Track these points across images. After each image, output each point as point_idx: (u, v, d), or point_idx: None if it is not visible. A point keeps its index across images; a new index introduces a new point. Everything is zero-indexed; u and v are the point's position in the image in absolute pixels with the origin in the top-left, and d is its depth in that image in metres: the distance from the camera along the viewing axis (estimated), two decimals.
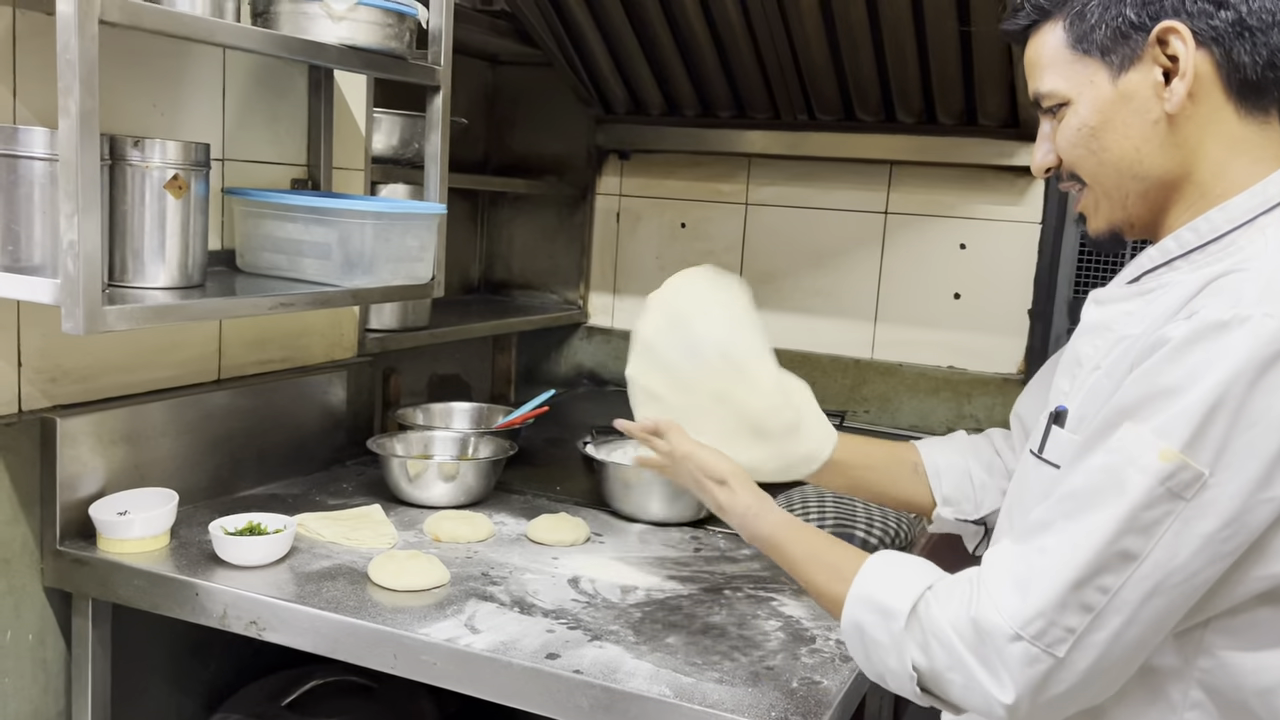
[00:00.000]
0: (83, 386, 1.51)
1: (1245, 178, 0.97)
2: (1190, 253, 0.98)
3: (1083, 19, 0.99)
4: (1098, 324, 1.04)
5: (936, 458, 1.36)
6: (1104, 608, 0.88)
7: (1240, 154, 0.97)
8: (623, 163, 2.80)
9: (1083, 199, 1.06)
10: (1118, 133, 0.99)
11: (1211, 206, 0.97)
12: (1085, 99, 1.00)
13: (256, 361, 1.81)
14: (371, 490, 1.77)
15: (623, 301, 2.85)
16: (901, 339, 2.56)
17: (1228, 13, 0.94)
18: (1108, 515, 0.88)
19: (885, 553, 1.06)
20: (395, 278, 1.63)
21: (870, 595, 1.01)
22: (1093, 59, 0.99)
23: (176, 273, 1.42)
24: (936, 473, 1.35)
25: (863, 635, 1.01)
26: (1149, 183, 1.00)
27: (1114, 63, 0.98)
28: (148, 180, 1.38)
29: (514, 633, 1.26)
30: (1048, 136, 1.05)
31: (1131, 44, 0.97)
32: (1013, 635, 0.90)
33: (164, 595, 1.38)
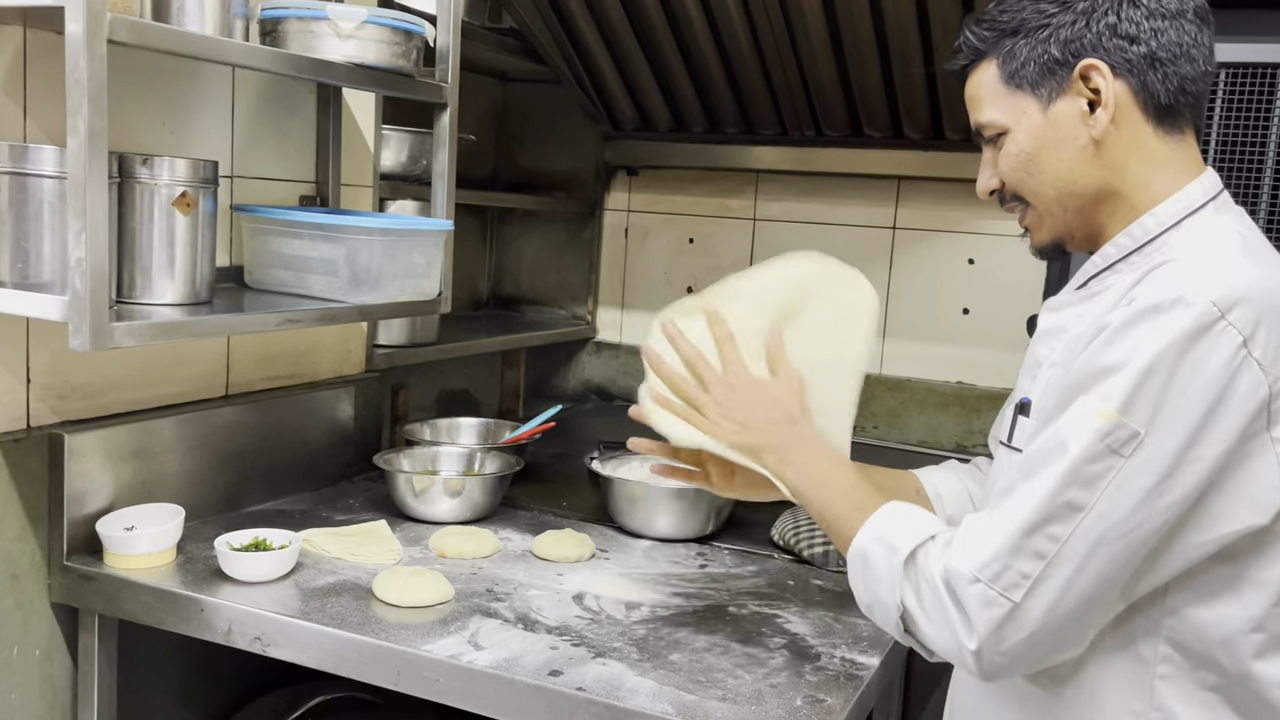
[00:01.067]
0: (91, 403, 1.52)
1: (1168, 188, 1.08)
2: (1128, 255, 1.09)
3: (1013, 57, 1.10)
4: (1052, 328, 1.14)
5: (937, 483, 1.40)
6: (1054, 555, 0.97)
7: (1161, 168, 1.08)
8: (631, 179, 2.81)
9: (1026, 216, 1.15)
10: (1052, 156, 1.10)
11: (1142, 215, 1.09)
12: (1021, 128, 1.10)
13: (264, 378, 1.82)
14: (378, 506, 1.77)
15: (631, 317, 2.85)
16: (910, 354, 2.56)
17: (1140, 47, 1.06)
18: (1054, 470, 0.98)
19: (899, 504, 1.14)
20: (402, 294, 1.64)
21: (881, 532, 1.10)
22: (1024, 92, 1.10)
23: (184, 289, 1.43)
24: (938, 495, 1.39)
25: (865, 563, 1.10)
26: (1084, 199, 1.10)
27: (1043, 95, 1.09)
28: (156, 198, 1.39)
29: (517, 649, 1.26)
30: (989, 162, 1.15)
31: (1057, 78, 1.08)
32: (971, 578, 1.00)
33: (169, 611, 1.38)
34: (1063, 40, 1.07)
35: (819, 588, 1.54)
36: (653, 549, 1.67)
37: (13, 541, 1.41)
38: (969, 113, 1.16)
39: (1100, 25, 1.06)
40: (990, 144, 1.14)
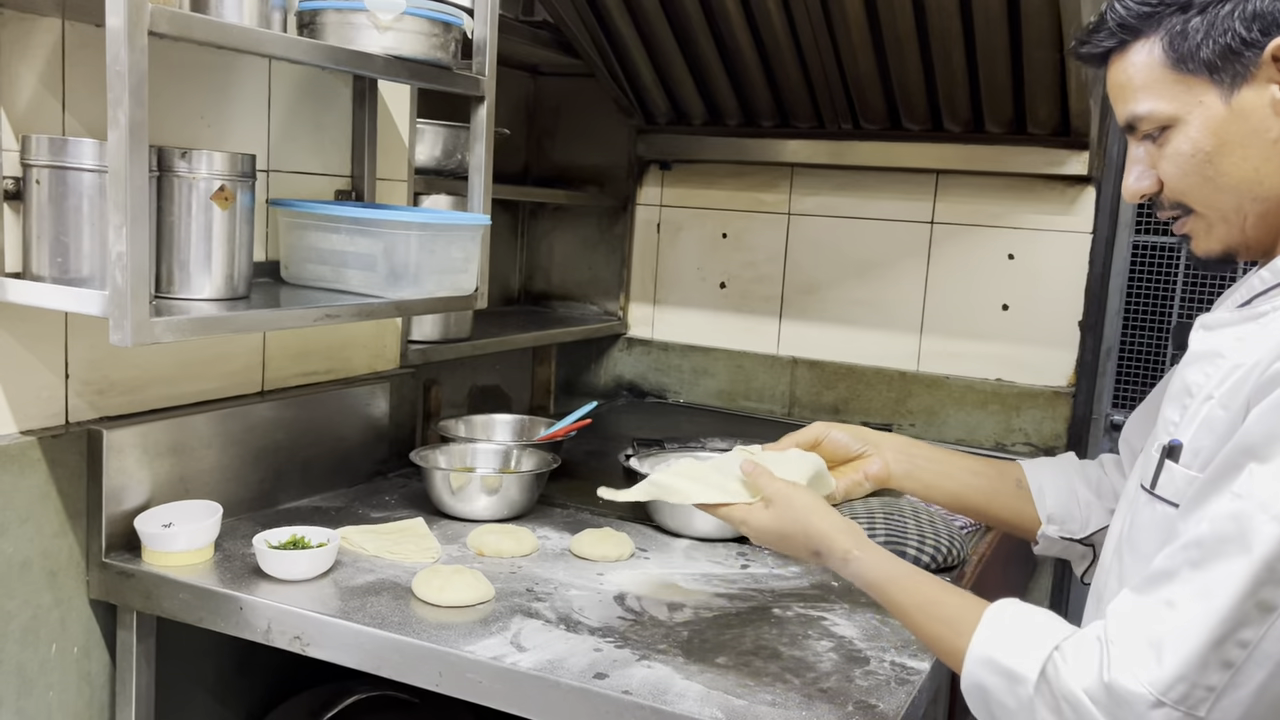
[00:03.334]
0: (129, 398, 1.51)
1: None
2: None
3: (1185, 37, 0.94)
4: (1207, 351, 1.00)
5: (1041, 475, 1.33)
6: (1244, 662, 0.85)
7: None
8: (664, 173, 2.78)
9: (1189, 223, 1.01)
10: (1235, 155, 0.95)
11: None
12: (1196, 120, 0.96)
13: (300, 373, 1.81)
14: (414, 503, 1.76)
15: (663, 313, 2.83)
16: (948, 351, 2.52)
17: None
18: (1240, 567, 0.85)
19: (1003, 605, 1.00)
20: (440, 289, 1.62)
21: (993, 657, 0.96)
22: (1199, 78, 0.95)
23: (222, 284, 1.42)
24: (1040, 490, 1.32)
25: (986, 698, 0.97)
26: (1269, 204, 0.96)
27: (1224, 81, 0.94)
28: (194, 191, 1.38)
29: (561, 651, 1.24)
30: (1140, 160, 1.01)
31: (1243, 61, 0.93)
32: (1154, 702, 0.86)
33: (209, 609, 1.37)
34: (1250, 14, 0.91)
35: None
36: (692, 548, 1.65)
37: (51, 538, 1.41)
38: (1116, 102, 1.01)
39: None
40: (1147, 139, 0.99)
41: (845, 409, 2.61)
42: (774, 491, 1.19)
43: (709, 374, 2.77)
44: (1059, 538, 1.32)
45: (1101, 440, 2.44)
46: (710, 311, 2.76)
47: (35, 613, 1.40)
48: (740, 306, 2.73)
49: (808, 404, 2.66)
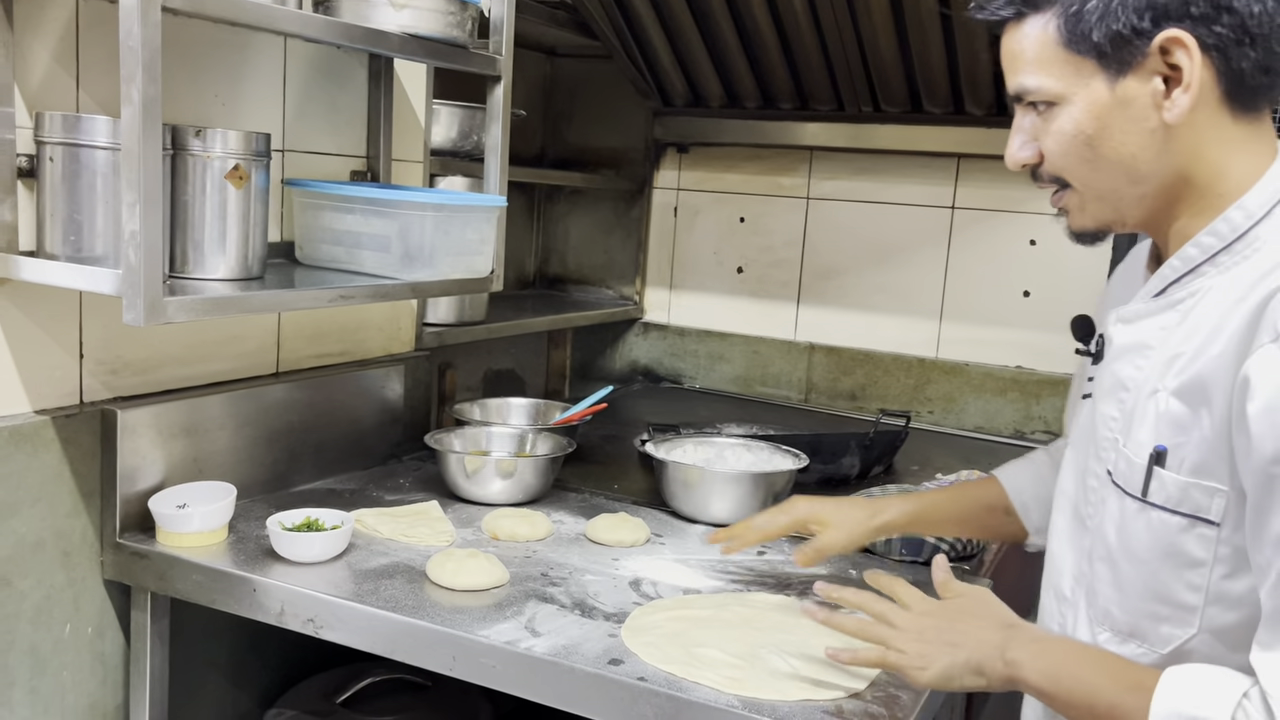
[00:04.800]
0: (143, 379, 1.51)
1: (1245, 175, 0.96)
2: (1214, 256, 0.97)
3: (1080, 19, 0.95)
4: (1133, 344, 1.02)
5: (1022, 491, 1.34)
6: None
7: (1236, 153, 0.96)
8: (681, 156, 2.76)
9: (1065, 198, 1.03)
10: (1115, 140, 0.96)
11: (1218, 206, 0.96)
12: (1080, 102, 0.97)
13: (314, 355, 1.80)
14: (428, 486, 1.75)
15: (679, 297, 2.81)
16: (968, 337, 2.49)
17: (1231, 18, 0.92)
18: None
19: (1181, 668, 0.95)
20: (455, 271, 1.60)
21: (1181, 709, 0.90)
22: (1088, 60, 0.96)
23: (236, 264, 1.40)
24: (1025, 508, 1.33)
25: None
26: (1145, 187, 0.98)
27: (1111, 66, 0.95)
28: (209, 170, 1.36)
29: (575, 636, 1.23)
30: (1024, 129, 1.02)
31: (1132, 49, 0.94)
32: None
33: (222, 591, 1.36)
34: (1144, 3, 0.92)
35: None
36: (708, 534, 1.63)
37: (65, 518, 1.40)
38: (1007, 70, 1.01)
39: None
40: (1033, 110, 1.00)
41: (862, 395, 2.58)
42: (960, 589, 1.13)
43: (725, 359, 2.75)
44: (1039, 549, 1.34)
45: None
46: (727, 296, 2.74)
47: (49, 593, 1.39)
48: (757, 291, 2.71)
49: (824, 390, 2.63)
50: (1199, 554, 0.95)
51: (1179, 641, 0.98)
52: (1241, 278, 0.94)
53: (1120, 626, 1.02)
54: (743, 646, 1.21)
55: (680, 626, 1.26)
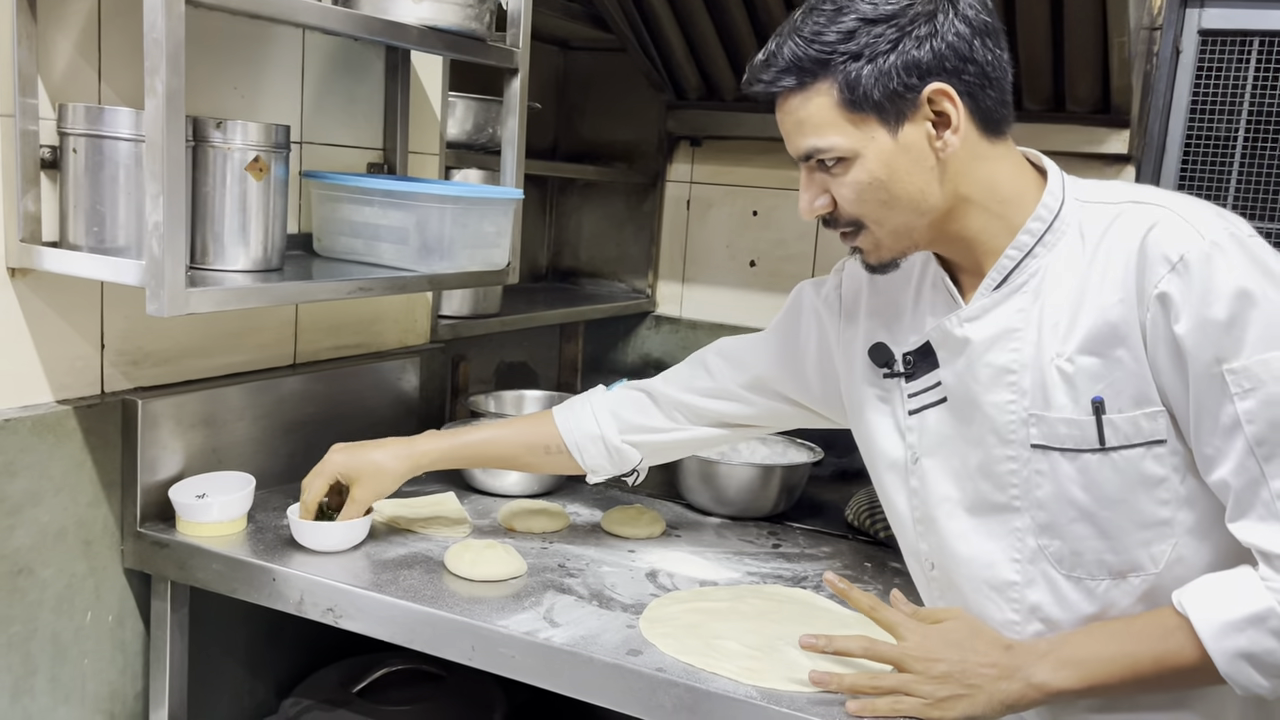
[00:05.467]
0: (163, 369, 1.52)
1: (1013, 180, 1.13)
2: (1042, 237, 1.11)
3: (858, 83, 1.07)
4: (996, 334, 1.12)
5: (573, 431, 1.44)
6: None
7: (998, 166, 1.12)
8: (694, 149, 2.75)
9: (859, 238, 1.14)
10: (903, 180, 1.09)
11: (1001, 210, 1.12)
12: (870, 154, 1.09)
13: (331, 347, 1.81)
14: (444, 478, 1.75)
15: (691, 291, 2.81)
16: None
17: (974, 67, 1.07)
18: None
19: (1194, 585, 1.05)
20: (472, 263, 1.61)
21: (1227, 619, 1.01)
22: (870, 117, 1.08)
23: (257, 256, 1.41)
24: (577, 448, 1.44)
25: (1250, 656, 1.01)
26: (933, 215, 1.12)
27: (890, 120, 1.08)
28: (229, 162, 1.37)
29: (594, 627, 1.23)
30: (814, 184, 1.13)
31: (905, 102, 1.07)
32: None
33: (242, 580, 1.37)
34: (909, 64, 1.06)
35: (896, 570, 1.50)
36: (723, 527, 1.64)
37: (86, 507, 1.41)
38: (793, 135, 1.12)
39: (940, 47, 1.06)
40: (821, 166, 1.11)
41: None
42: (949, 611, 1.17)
43: None
44: (604, 480, 1.48)
45: None
46: (739, 290, 2.74)
47: (70, 581, 1.40)
48: (770, 285, 2.70)
49: None
50: (1160, 471, 1.07)
51: (1166, 556, 1.08)
52: (1073, 248, 1.10)
53: (1117, 568, 1.10)
54: (760, 638, 1.21)
55: (698, 618, 1.26)
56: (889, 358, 1.23)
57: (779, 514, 1.69)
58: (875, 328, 1.27)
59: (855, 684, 1.10)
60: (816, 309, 1.37)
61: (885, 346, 1.24)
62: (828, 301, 1.36)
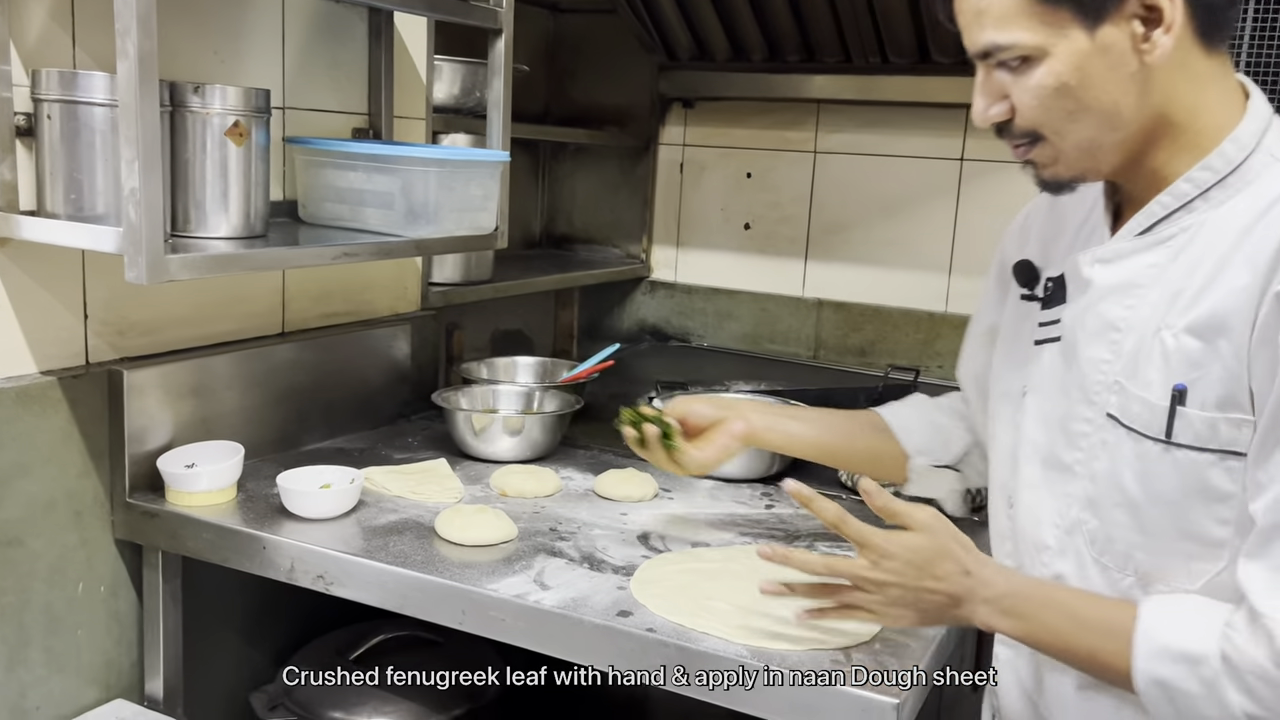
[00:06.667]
0: (149, 339, 1.50)
1: (1219, 110, 0.97)
2: (1207, 191, 0.97)
3: None
4: (1119, 284, 1.01)
5: (899, 413, 1.38)
6: None
7: (1208, 88, 0.97)
8: (687, 111, 2.72)
9: (1035, 151, 1.01)
10: (1096, 88, 0.95)
11: (1197, 143, 0.97)
12: (1061, 54, 0.94)
13: (321, 315, 1.79)
14: (437, 445, 1.75)
15: (686, 255, 2.79)
16: (978, 291, 2.45)
17: None
18: None
19: (1157, 599, 0.97)
20: (459, 228, 1.59)
21: (1167, 644, 0.93)
22: (1063, 10, 0.93)
23: (239, 223, 1.39)
24: (903, 427, 1.36)
25: (1168, 690, 0.93)
26: (1125, 133, 0.97)
27: (1089, 15, 0.93)
28: (208, 127, 1.35)
29: (584, 589, 1.23)
30: (992, 88, 0.99)
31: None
32: None
33: (232, 548, 1.37)
34: None
35: (890, 529, 1.49)
36: (716, 489, 1.63)
37: (75, 478, 1.41)
38: (970, 29, 0.98)
39: None
40: (1002, 67, 0.97)
41: (872, 351, 2.57)
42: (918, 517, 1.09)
43: (733, 317, 2.74)
44: (929, 465, 1.36)
45: None
46: (734, 253, 2.72)
47: (62, 552, 1.40)
48: (765, 248, 2.69)
49: (833, 346, 2.62)
50: (1228, 487, 0.94)
51: (1208, 576, 0.97)
52: (1238, 210, 0.95)
53: (1145, 570, 1.01)
54: (751, 598, 1.21)
55: (689, 579, 1.26)
56: (1032, 278, 1.11)
57: (772, 475, 1.68)
58: (1033, 245, 1.16)
59: (806, 596, 1.10)
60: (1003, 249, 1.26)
61: (1031, 266, 1.12)
62: (1012, 234, 1.24)
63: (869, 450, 1.40)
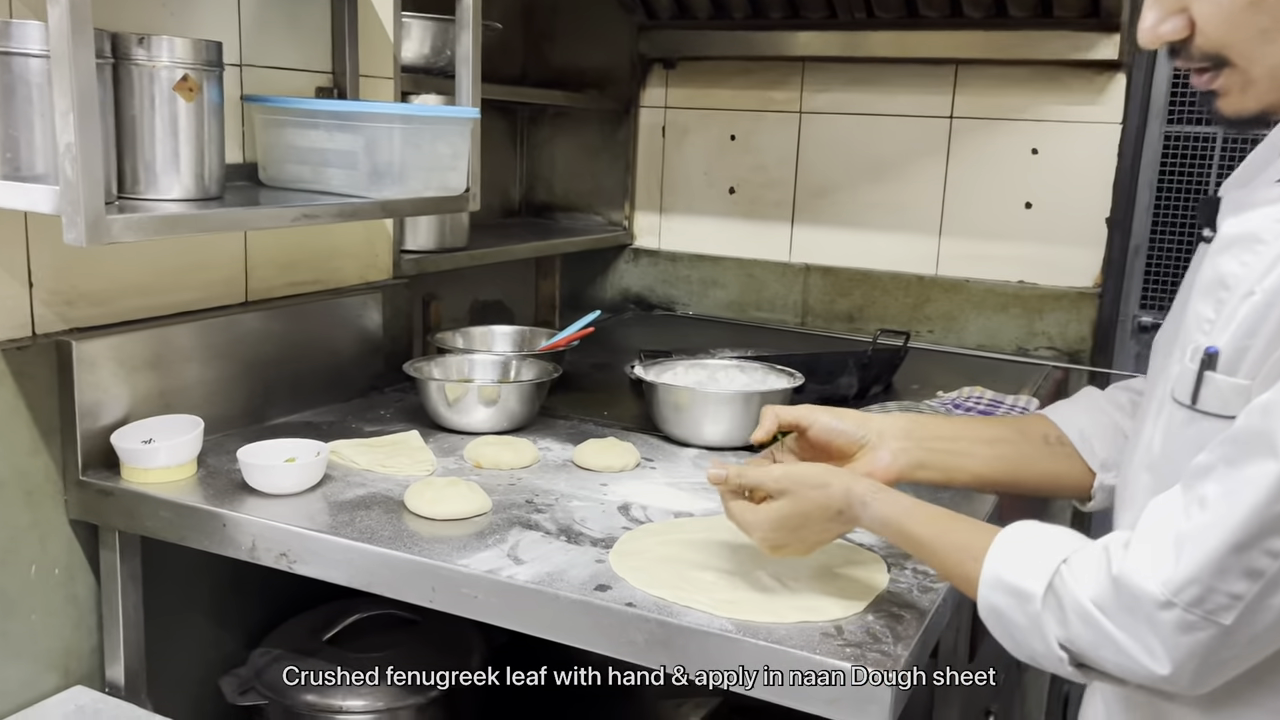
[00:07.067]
0: (101, 309, 1.43)
1: None
2: None
3: None
4: (1243, 235, 0.88)
5: (1076, 419, 1.18)
6: (1275, 573, 0.77)
7: None
8: (668, 72, 2.65)
9: (1221, 78, 0.87)
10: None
11: None
12: None
13: (286, 284, 1.72)
14: (410, 417, 1.68)
15: (670, 222, 2.72)
16: (968, 253, 2.41)
17: None
18: (1269, 469, 0.76)
19: (1017, 526, 0.94)
20: (427, 188, 1.52)
21: (1001, 577, 0.91)
22: None
23: (192, 184, 1.32)
24: (1083, 436, 1.17)
25: (1000, 619, 0.92)
26: None
27: None
28: (155, 81, 1.27)
29: (560, 563, 1.17)
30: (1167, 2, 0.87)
31: None
32: (1163, 602, 0.80)
33: (191, 527, 1.30)
34: None
35: None
36: (700, 457, 1.57)
37: (25, 456, 1.33)
38: None
39: None
40: None
41: (860, 317, 2.51)
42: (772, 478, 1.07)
43: (718, 284, 2.67)
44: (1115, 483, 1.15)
45: (1129, 343, 2.34)
46: (719, 219, 2.65)
47: (13, 534, 1.33)
48: (750, 213, 2.62)
49: (821, 313, 2.56)
50: None
51: None
52: None
53: None
54: (736, 568, 1.15)
55: (671, 550, 1.20)
56: (1210, 216, 0.96)
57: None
58: (1236, 178, 1.01)
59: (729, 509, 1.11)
60: None
61: (1215, 201, 0.97)
62: None
63: (1047, 478, 1.19)
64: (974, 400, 1.84)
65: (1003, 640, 0.94)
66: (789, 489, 1.06)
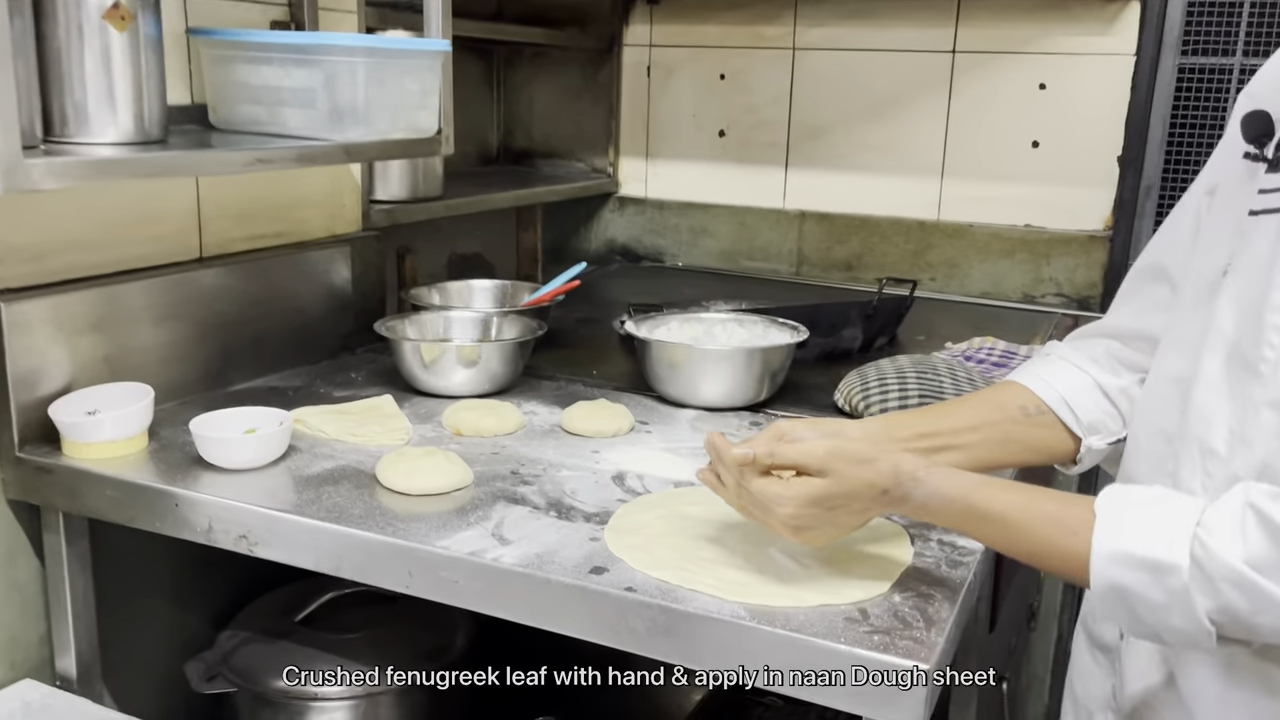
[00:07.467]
0: (35, 267, 1.29)
1: None
2: None
3: None
4: None
5: (1057, 385, 1.10)
6: None
7: None
8: (652, 8, 2.49)
9: None
10: None
11: None
12: None
13: (245, 237, 1.58)
14: (383, 380, 1.56)
15: (657, 167, 2.58)
16: (972, 196, 2.28)
17: None
18: None
19: (1116, 492, 0.86)
20: (394, 130, 1.38)
21: (1130, 551, 0.83)
22: None
23: (130, 126, 1.18)
24: (1064, 403, 1.10)
25: (1128, 597, 0.84)
26: None
27: None
28: (83, 9, 1.13)
29: (551, 542, 1.05)
30: None
31: None
32: None
33: (140, 507, 1.18)
34: None
35: None
36: (699, 419, 1.46)
37: None
38: None
39: None
40: None
41: (859, 265, 2.39)
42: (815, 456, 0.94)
43: (709, 233, 2.54)
44: (1106, 446, 1.11)
45: None
46: (708, 164, 2.52)
47: None
48: (741, 157, 2.48)
49: (817, 261, 2.44)
50: None
51: None
52: None
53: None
54: (746, 546, 1.04)
55: (672, 525, 1.09)
56: (1263, 134, 0.90)
57: (761, 402, 1.51)
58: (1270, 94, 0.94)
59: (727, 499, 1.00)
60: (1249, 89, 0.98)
61: (1267, 119, 0.91)
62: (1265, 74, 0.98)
63: (1030, 450, 1.11)
64: (986, 351, 1.73)
65: (1122, 620, 0.86)
66: (833, 469, 0.93)
